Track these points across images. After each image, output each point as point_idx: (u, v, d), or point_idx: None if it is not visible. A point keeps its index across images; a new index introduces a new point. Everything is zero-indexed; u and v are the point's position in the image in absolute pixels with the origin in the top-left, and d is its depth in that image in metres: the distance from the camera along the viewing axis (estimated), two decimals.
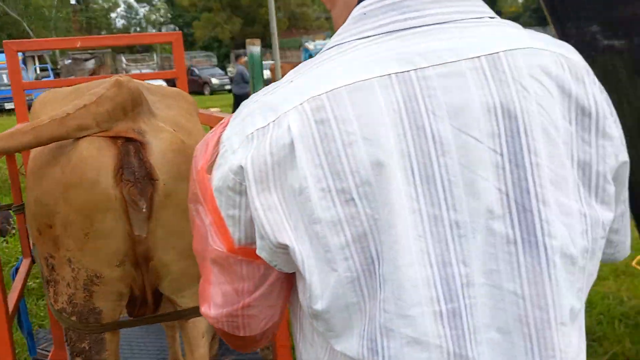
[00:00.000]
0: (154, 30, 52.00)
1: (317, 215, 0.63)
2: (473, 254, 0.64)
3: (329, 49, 0.71)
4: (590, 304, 3.21)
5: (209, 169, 0.76)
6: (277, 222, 0.67)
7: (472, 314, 0.64)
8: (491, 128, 0.64)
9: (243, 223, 0.72)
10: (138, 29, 55.19)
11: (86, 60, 31.58)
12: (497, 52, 0.66)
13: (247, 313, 0.81)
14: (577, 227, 0.66)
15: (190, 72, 28.81)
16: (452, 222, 0.64)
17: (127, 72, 29.29)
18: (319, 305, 0.67)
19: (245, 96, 11.00)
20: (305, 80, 0.68)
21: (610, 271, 3.68)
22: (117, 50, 33.74)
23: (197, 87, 26.74)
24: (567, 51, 0.71)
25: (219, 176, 0.71)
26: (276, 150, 0.65)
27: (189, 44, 48.21)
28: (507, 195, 0.63)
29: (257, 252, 0.72)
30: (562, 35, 2.73)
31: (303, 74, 0.70)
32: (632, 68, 2.57)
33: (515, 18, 38.76)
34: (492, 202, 0.63)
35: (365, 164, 0.62)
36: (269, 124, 0.67)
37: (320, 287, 0.66)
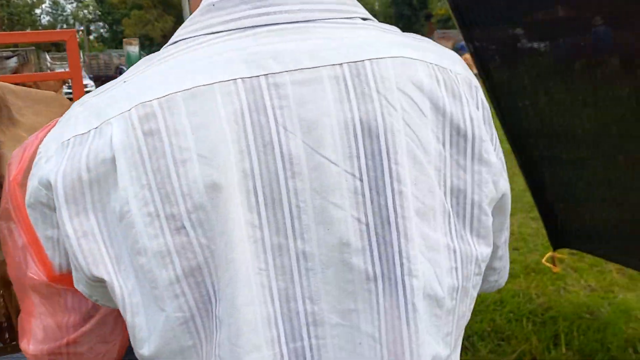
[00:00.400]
0: (81, 28, 50.10)
1: (143, 245, 0.54)
2: (323, 290, 0.56)
3: (173, 43, 0.61)
4: (501, 303, 3.27)
5: (23, 179, 0.66)
6: (93, 252, 0.57)
7: (319, 356, 0.57)
8: (349, 148, 0.55)
9: (63, 246, 0.62)
10: (65, 25, 53.11)
11: (7, 58, 30.00)
12: (363, 60, 0.56)
13: (74, 350, 0.71)
14: (445, 264, 0.59)
15: (119, 70, 27.99)
16: (299, 254, 0.56)
17: (52, 70, 28.05)
18: (145, 350, 0.58)
19: None
20: (139, 81, 0.57)
21: (522, 269, 3.77)
22: (43, 47, 32.23)
23: None
24: (450, 62, 0.63)
25: (31, 189, 0.60)
26: (94, 165, 0.55)
27: (119, 42, 46.88)
28: (368, 226, 0.56)
29: (75, 284, 0.62)
30: (469, 39, 2.76)
31: (139, 72, 0.59)
32: (553, 69, 2.61)
33: (445, 20, 39.86)
34: (349, 233, 0.55)
35: (199, 186, 0.53)
36: (89, 131, 0.56)
37: (147, 328, 0.57)
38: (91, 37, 53.95)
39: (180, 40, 0.60)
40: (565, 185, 2.96)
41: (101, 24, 54.86)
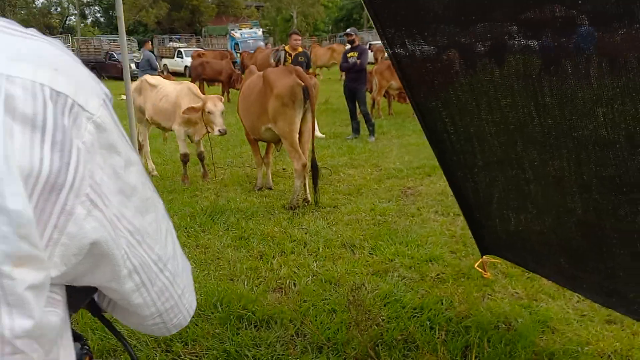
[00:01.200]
0: (75, 11, 49.67)
1: None
2: None
3: None
4: (421, 309, 3.15)
5: None
6: None
7: None
8: None
9: None
10: (59, 8, 52.55)
11: None
12: None
13: None
14: None
15: (109, 56, 27.76)
16: None
17: None
18: None
19: None
20: None
21: (453, 274, 3.65)
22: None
23: (117, 72, 25.74)
24: (9, 62, 0.49)
25: None
26: None
27: (115, 27, 46.46)
28: None
29: None
30: (384, 37, 2.62)
31: None
32: (459, 71, 2.48)
33: None
34: None
35: None
36: None
37: None
38: (88, 21, 53.54)
39: None
40: (481, 191, 2.83)
41: (97, 8, 54.41)
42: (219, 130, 5.59)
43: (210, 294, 3.35)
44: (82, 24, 49.97)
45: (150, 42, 13.72)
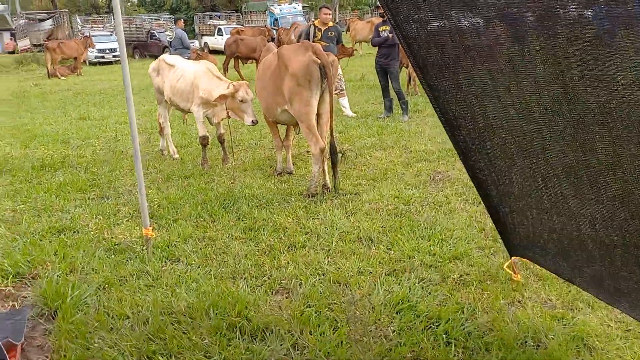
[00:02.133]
0: None
1: None
2: None
3: None
4: (436, 320, 2.76)
5: None
6: None
7: None
8: None
9: None
10: None
11: (41, 20, 30.17)
12: None
13: None
14: None
15: (150, 35, 27.76)
16: None
17: (82, 33, 28.07)
18: None
19: None
20: None
21: (478, 275, 3.23)
22: (72, 10, 32.32)
23: (157, 50, 25.81)
24: None
25: None
26: None
27: (158, 6, 46.70)
28: None
29: None
30: (390, 14, 2.22)
31: None
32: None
33: None
34: None
35: None
36: None
37: None
38: (134, 0, 54.01)
39: None
40: (504, 185, 2.41)
41: None
42: (252, 121, 5.26)
43: (205, 298, 3.05)
44: (128, 3, 50.36)
45: (182, 21, 13.45)
